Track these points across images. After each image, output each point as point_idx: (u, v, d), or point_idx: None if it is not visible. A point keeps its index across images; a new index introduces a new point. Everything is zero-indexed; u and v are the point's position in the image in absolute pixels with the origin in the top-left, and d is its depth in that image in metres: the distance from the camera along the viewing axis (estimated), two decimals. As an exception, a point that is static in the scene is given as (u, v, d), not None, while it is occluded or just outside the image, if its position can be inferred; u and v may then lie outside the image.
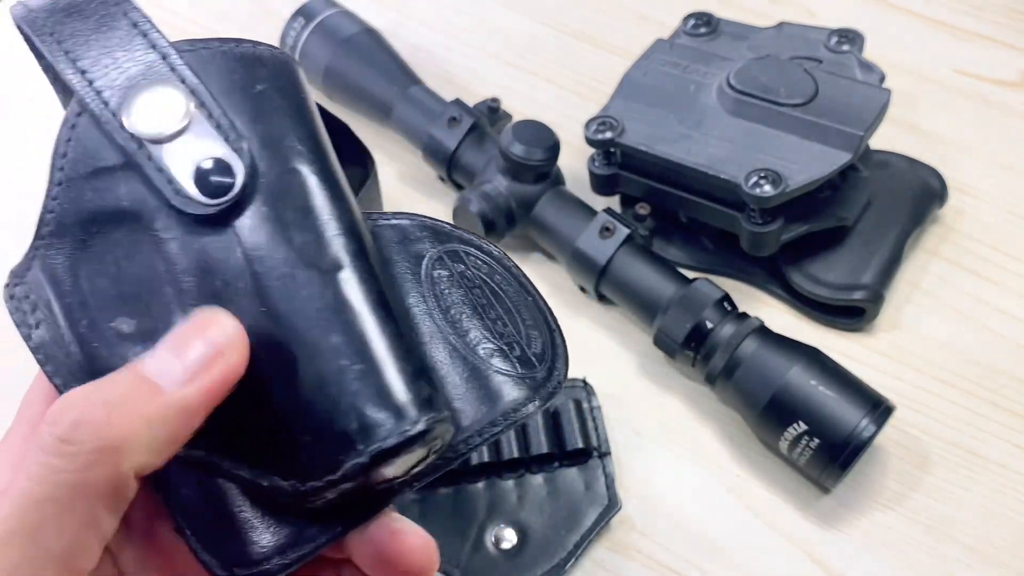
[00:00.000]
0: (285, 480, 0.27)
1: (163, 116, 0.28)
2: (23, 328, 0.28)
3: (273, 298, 0.27)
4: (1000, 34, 0.67)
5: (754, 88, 0.52)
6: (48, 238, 0.29)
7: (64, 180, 0.29)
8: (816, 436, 0.45)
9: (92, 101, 0.28)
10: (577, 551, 0.46)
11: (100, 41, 0.29)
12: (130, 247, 0.28)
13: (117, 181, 0.28)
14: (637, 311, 0.52)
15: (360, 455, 0.26)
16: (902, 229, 0.54)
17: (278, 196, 0.28)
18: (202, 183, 0.28)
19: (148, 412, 0.25)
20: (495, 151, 0.55)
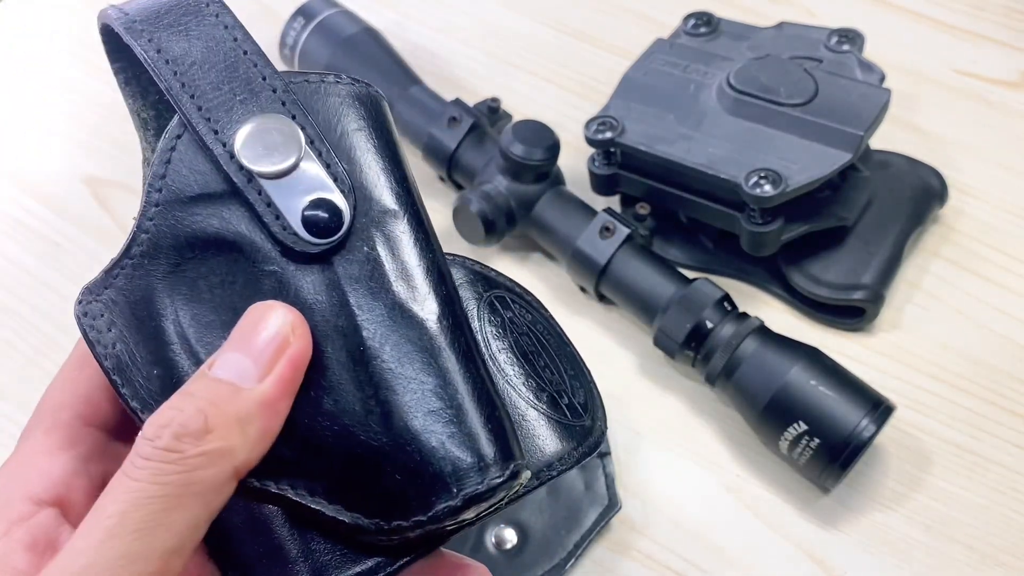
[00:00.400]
0: (369, 518, 0.27)
1: (276, 151, 0.27)
2: (99, 347, 0.27)
3: (371, 339, 0.27)
4: (1000, 34, 0.67)
5: (754, 88, 0.52)
6: (139, 258, 0.28)
7: (162, 202, 0.28)
8: (816, 436, 0.45)
9: (200, 126, 0.28)
10: (577, 551, 0.46)
11: (209, 63, 0.28)
12: (227, 276, 0.28)
13: (218, 209, 0.28)
14: (637, 311, 0.52)
15: (453, 498, 0.27)
16: (902, 229, 0.54)
17: (376, 238, 0.28)
18: (310, 222, 0.27)
19: (237, 412, 0.25)
20: (495, 151, 0.55)
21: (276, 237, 0.27)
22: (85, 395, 0.30)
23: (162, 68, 0.28)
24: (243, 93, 0.28)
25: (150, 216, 0.28)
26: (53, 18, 0.73)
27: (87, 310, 0.28)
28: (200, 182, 0.28)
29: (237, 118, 0.28)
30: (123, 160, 0.64)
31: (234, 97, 0.28)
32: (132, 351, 0.27)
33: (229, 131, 0.27)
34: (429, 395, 0.27)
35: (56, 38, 0.71)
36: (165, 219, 0.28)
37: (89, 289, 0.28)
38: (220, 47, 0.28)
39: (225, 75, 0.28)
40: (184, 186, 0.28)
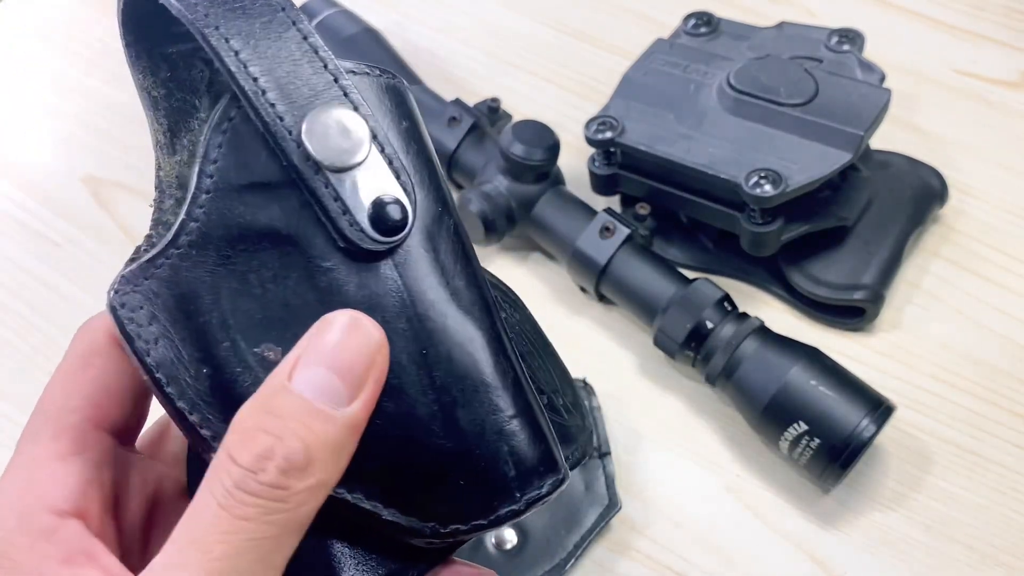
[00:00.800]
0: (425, 521, 0.26)
1: (344, 144, 0.26)
2: (139, 343, 0.25)
3: (434, 340, 0.27)
4: (1000, 34, 0.67)
5: (754, 88, 0.52)
6: (186, 248, 0.26)
7: (213, 188, 0.26)
8: (816, 436, 0.45)
9: (265, 110, 0.26)
10: (577, 551, 0.46)
11: (270, 47, 0.26)
12: (280, 270, 0.26)
13: (273, 199, 0.26)
14: (637, 311, 0.52)
15: (516, 502, 0.26)
16: (902, 229, 0.54)
17: (433, 237, 0.28)
18: (378, 219, 0.26)
19: (333, 440, 0.24)
20: (495, 151, 0.55)
21: (343, 233, 0.26)
22: (91, 397, 0.28)
23: (222, 47, 0.26)
24: (306, 81, 0.26)
25: (200, 204, 0.26)
26: (53, 18, 0.73)
27: (124, 301, 0.25)
28: (257, 170, 0.26)
29: (301, 105, 0.26)
30: (123, 160, 0.64)
31: (298, 83, 0.26)
32: (178, 347, 0.25)
33: (294, 118, 0.26)
34: (490, 400, 0.27)
35: (56, 38, 0.71)
36: (215, 207, 0.26)
37: (127, 279, 0.26)
38: (280, 29, 0.26)
39: (287, 60, 0.26)
40: (238, 173, 0.26)
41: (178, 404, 0.25)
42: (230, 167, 0.26)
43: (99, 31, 0.71)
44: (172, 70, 0.30)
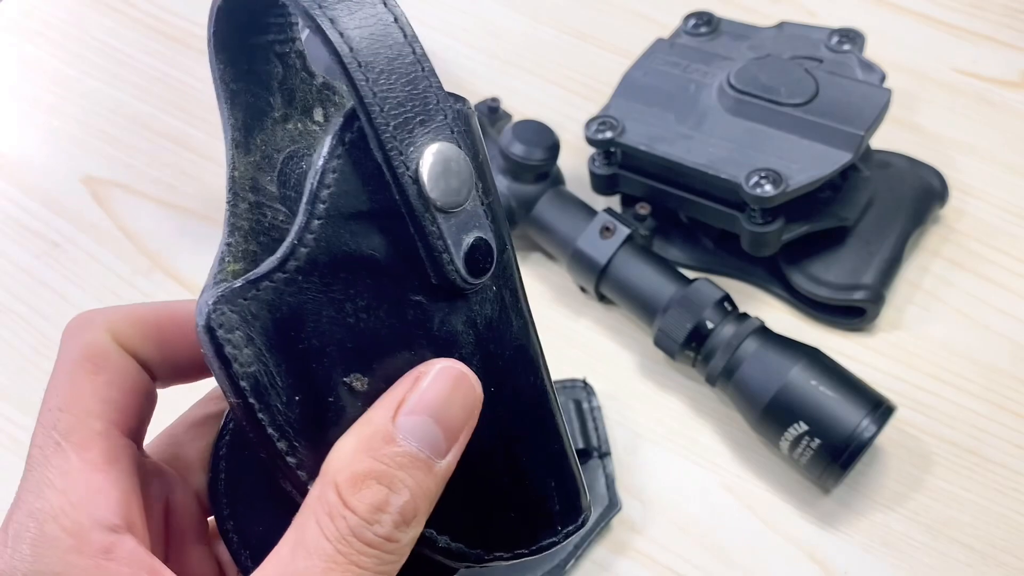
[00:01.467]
0: (472, 548, 0.27)
1: (454, 184, 0.26)
2: (235, 366, 0.24)
3: (502, 377, 0.27)
4: (1001, 34, 0.67)
5: (754, 88, 0.52)
6: (293, 273, 0.25)
7: (325, 215, 0.25)
8: (817, 436, 0.45)
9: (390, 143, 0.25)
10: (577, 551, 0.46)
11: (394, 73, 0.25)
12: (372, 300, 0.26)
13: (376, 228, 0.26)
14: (637, 311, 0.52)
15: (556, 534, 0.29)
16: (903, 229, 0.54)
17: (502, 279, 0.28)
18: (470, 260, 0.26)
19: (432, 491, 0.25)
20: (495, 151, 0.55)
21: (442, 271, 0.26)
22: (112, 402, 0.27)
23: (355, 71, 0.25)
24: (422, 114, 0.25)
25: (312, 230, 0.25)
26: (53, 18, 0.73)
27: (222, 321, 0.24)
28: (363, 196, 0.26)
29: (418, 141, 0.25)
30: (122, 160, 0.64)
31: (415, 117, 0.25)
32: (272, 372, 0.25)
33: (413, 153, 0.25)
34: (547, 438, 0.29)
35: (56, 38, 0.71)
36: (327, 234, 0.25)
37: (226, 298, 0.24)
38: (399, 53, 0.26)
39: (408, 90, 0.25)
40: (348, 200, 0.25)
41: (268, 430, 0.25)
42: (343, 193, 0.25)
43: (99, 31, 0.71)
44: (250, 63, 0.29)
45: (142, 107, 0.66)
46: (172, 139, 0.65)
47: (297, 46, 0.30)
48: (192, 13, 0.72)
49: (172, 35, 0.71)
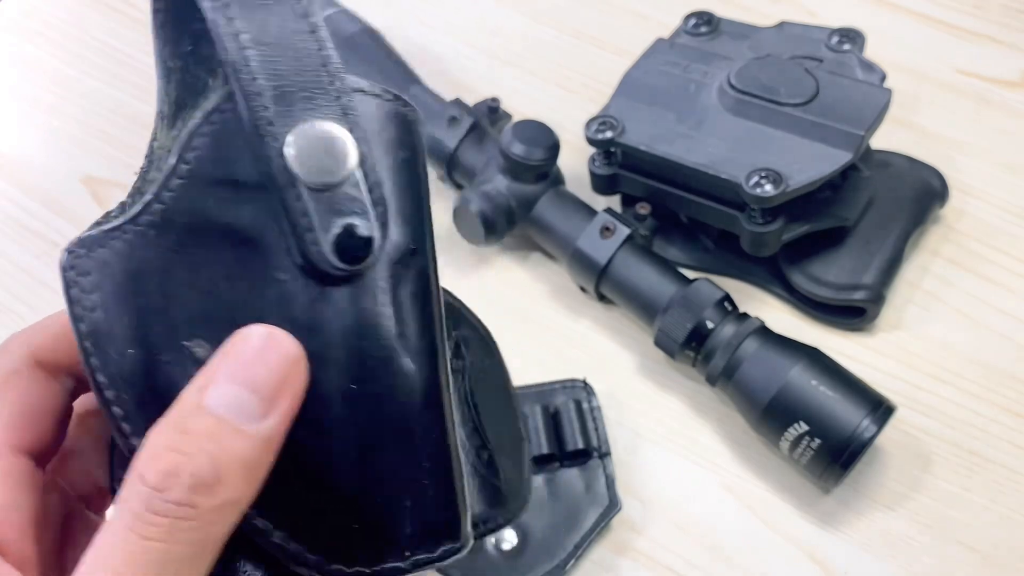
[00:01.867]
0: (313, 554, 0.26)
1: (325, 162, 0.25)
2: (77, 307, 0.25)
3: (367, 377, 0.26)
4: (1001, 34, 0.67)
5: (755, 88, 0.52)
6: (146, 227, 0.25)
7: (187, 175, 0.26)
8: (817, 436, 0.45)
9: (258, 112, 0.25)
10: (577, 552, 0.46)
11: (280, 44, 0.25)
12: (232, 271, 0.26)
13: (244, 200, 0.26)
14: (637, 311, 0.52)
15: (403, 559, 0.26)
16: (903, 229, 0.54)
17: (397, 274, 0.27)
18: (339, 244, 0.25)
19: (244, 457, 0.24)
20: (495, 151, 0.55)
21: (304, 250, 0.25)
22: (9, 419, 0.28)
23: (229, 40, 0.25)
24: (307, 90, 0.25)
25: (171, 188, 0.25)
26: (53, 18, 0.73)
27: (75, 264, 0.25)
28: (236, 167, 0.26)
29: (295, 115, 0.25)
30: (122, 160, 0.64)
31: (297, 92, 0.25)
32: (112, 321, 0.25)
33: (284, 126, 0.25)
34: (409, 452, 0.26)
35: (56, 38, 0.71)
36: (186, 194, 0.25)
37: (83, 242, 0.25)
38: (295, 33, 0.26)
39: (294, 65, 0.25)
40: (214, 165, 0.26)
41: (98, 376, 0.25)
42: (210, 158, 0.26)
43: (99, 31, 0.71)
44: (195, 44, 0.28)
45: (142, 107, 0.66)
46: (172, 139, 0.65)
47: None
48: (192, 13, 0.72)
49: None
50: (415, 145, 0.28)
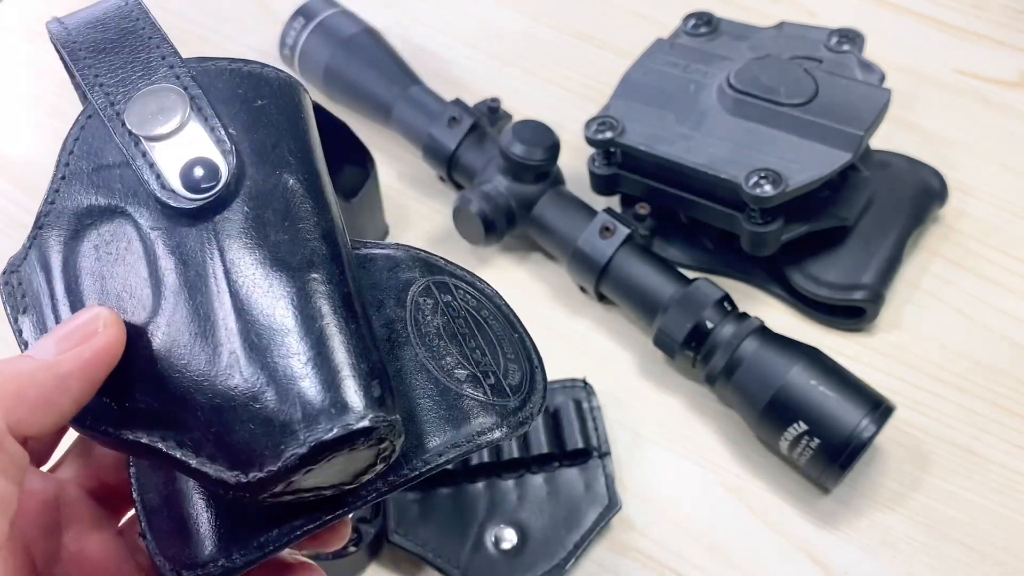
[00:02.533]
0: (230, 470, 0.27)
1: (160, 117, 0.30)
2: (13, 312, 0.29)
3: (239, 292, 0.28)
4: (1000, 34, 0.67)
5: (754, 88, 0.52)
6: (45, 228, 0.30)
7: (68, 175, 0.30)
8: (816, 436, 0.45)
9: (100, 102, 0.30)
10: (577, 551, 0.46)
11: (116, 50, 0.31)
12: (116, 238, 0.30)
13: (115, 178, 0.30)
14: (637, 311, 0.52)
15: (300, 445, 0.26)
16: (902, 229, 0.54)
17: (261, 200, 0.30)
18: (187, 180, 0.29)
19: (18, 371, 0.27)
20: (495, 151, 0.55)
21: (156, 195, 0.29)
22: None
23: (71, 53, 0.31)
24: (141, 70, 0.30)
25: (56, 188, 0.31)
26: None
27: (8, 279, 0.30)
28: (100, 154, 0.30)
29: (132, 91, 0.30)
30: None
31: (133, 74, 0.30)
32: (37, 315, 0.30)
33: (124, 102, 0.30)
34: (290, 342, 0.28)
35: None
36: (68, 190, 0.30)
37: (12, 261, 0.30)
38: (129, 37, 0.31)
39: (128, 58, 0.31)
40: (87, 159, 0.30)
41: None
42: (83, 155, 0.30)
43: (99, 31, 0.71)
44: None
45: (143, 107, 0.66)
46: (172, 139, 0.65)
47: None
48: (193, 13, 0.72)
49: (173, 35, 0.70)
50: (274, 94, 0.32)
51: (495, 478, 0.48)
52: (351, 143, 0.55)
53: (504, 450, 0.48)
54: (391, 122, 0.61)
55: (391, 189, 0.61)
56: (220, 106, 0.30)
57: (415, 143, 0.60)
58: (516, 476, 0.48)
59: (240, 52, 0.69)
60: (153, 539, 0.30)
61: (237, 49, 0.69)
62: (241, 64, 0.32)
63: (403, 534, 0.46)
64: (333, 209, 0.31)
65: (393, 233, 0.59)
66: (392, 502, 0.47)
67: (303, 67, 0.63)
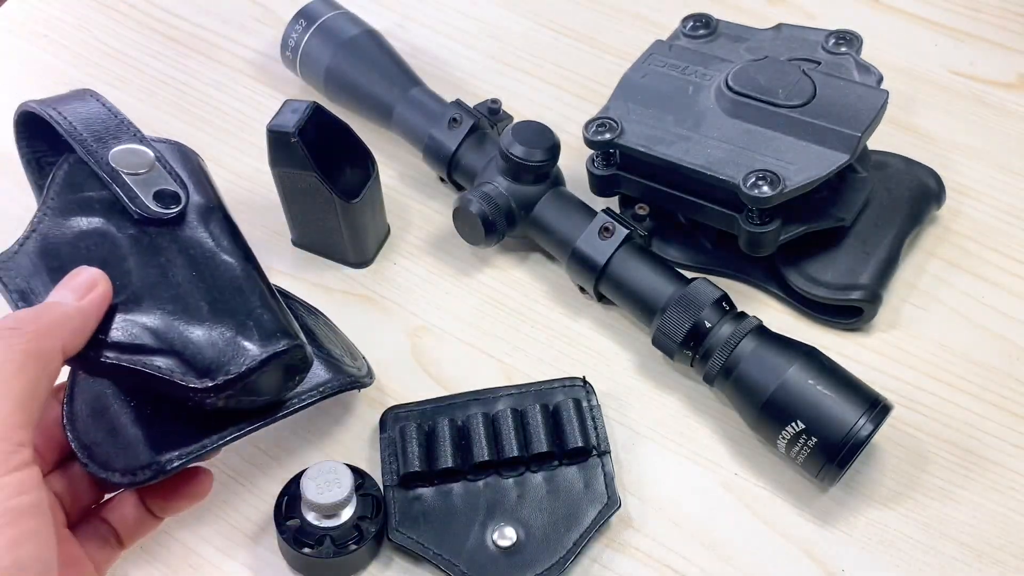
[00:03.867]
0: (199, 379, 0.40)
1: (135, 161, 0.45)
2: (11, 294, 0.42)
3: (201, 269, 0.43)
4: (997, 36, 0.67)
5: (752, 89, 0.52)
6: (38, 228, 0.44)
7: (56, 193, 0.45)
8: (814, 435, 0.45)
9: (83, 148, 0.44)
10: (577, 549, 0.46)
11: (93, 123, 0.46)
12: (97, 238, 0.43)
13: (94, 200, 0.45)
14: (636, 311, 0.52)
15: (259, 355, 0.41)
16: (900, 229, 0.55)
17: (205, 218, 0.45)
18: (158, 200, 0.44)
19: (62, 311, 0.38)
20: (495, 152, 0.56)
21: (132, 209, 0.44)
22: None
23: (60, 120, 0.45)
24: (115, 135, 0.45)
25: (47, 201, 0.45)
26: (53, 18, 0.73)
27: (5, 266, 0.43)
28: (82, 185, 0.45)
29: (109, 145, 0.45)
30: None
31: (109, 136, 0.45)
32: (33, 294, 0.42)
33: (104, 151, 0.45)
34: (243, 298, 0.43)
35: (56, 38, 0.72)
36: (56, 205, 0.44)
37: (3, 255, 0.43)
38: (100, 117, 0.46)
39: (102, 128, 0.45)
40: (70, 187, 0.45)
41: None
42: (67, 183, 0.45)
43: (102, 33, 0.72)
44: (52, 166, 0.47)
45: (143, 108, 0.67)
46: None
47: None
48: (195, 15, 0.72)
49: (175, 37, 0.71)
50: (195, 160, 0.49)
51: (495, 476, 0.48)
52: (354, 145, 0.55)
53: (504, 448, 0.48)
54: (392, 123, 0.61)
55: (392, 190, 0.62)
56: (170, 160, 0.46)
57: (416, 144, 0.60)
58: (516, 475, 0.49)
59: (242, 54, 0.70)
60: (84, 446, 0.42)
61: (239, 51, 0.70)
62: (176, 144, 0.49)
63: (404, 532, 0.47)
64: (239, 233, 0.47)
65: (394, 233, 0.59)
66: (393, 500, 0.47)
67: (304, 69, 0.64)
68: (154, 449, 0.41)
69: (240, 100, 0.67)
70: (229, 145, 0.64)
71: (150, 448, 0.41)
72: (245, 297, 0.43)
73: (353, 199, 0.54)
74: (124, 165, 0.44)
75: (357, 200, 0.54)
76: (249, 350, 0.41)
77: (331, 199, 0.53)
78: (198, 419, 0.42)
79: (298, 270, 0.58)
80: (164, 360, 0.40)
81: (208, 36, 0.71)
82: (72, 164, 0.45)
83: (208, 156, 0.65)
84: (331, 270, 0.58)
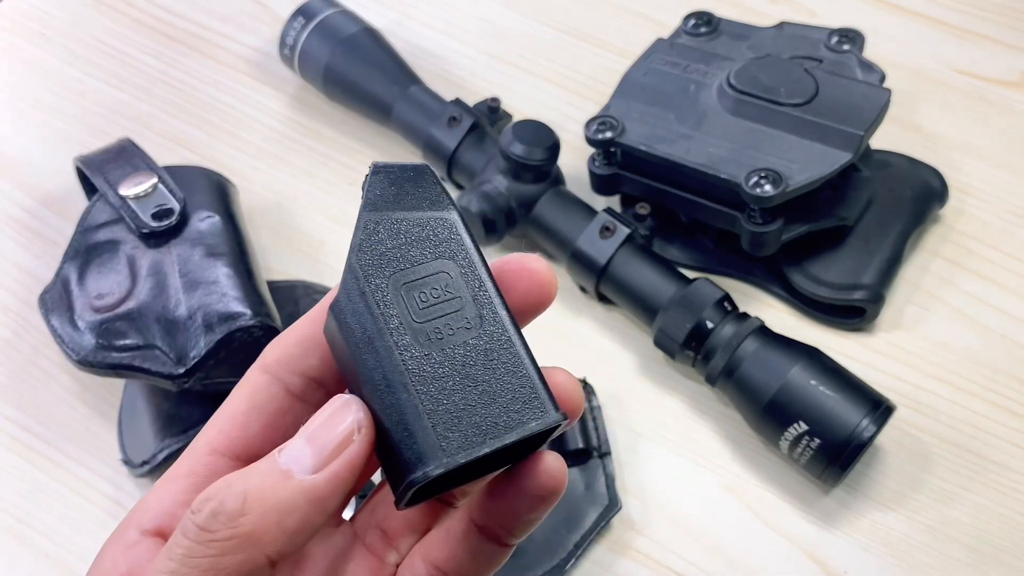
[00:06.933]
0: (176, 366, 0.47)
1: (135, 189, 0.52)
2: (46, 315, 0.50)
3: (192, 277, 0.50)
4: (1001, 34, 0.67)
5: (754, 88, 0.52)
6: (68, 261, 0.52)
7: (82, 231, 0.53)
8: (816, 436, 0.45)
9: (101, 180, 0.53)
10: (577, 551, 0.46)
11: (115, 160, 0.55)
12: (110, 259, 0.51)
13: (110, 228, 0.52)
14: (637, 311, 0.52)
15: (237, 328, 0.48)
16: (903, 229, 0.54)
17: (203, 236, 0.52)
18: (155, 216, 0.51)
19: (279, 501, 0.25)
20: (495, 151, 0.55)
21: (132, 224, 0.51)
22: (217, 423, 0.29)
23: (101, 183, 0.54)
24: (130, 167, 0.54)
25: (76, 238, 0.53)
26: (53, 18, 0.73)
27: (44, 299, 0.51)
28: (101, 219, 0.53)
29: (124, 177, 0.53)
30: (123, 160, 0.64)
31: (126, 167, 0.54)
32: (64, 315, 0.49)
33: (117, 183, 0.53)
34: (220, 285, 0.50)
35: (56, 38, 0.71)
36: (82, 240, 0.52)
37: (46, 289, 0.51)
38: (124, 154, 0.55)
39: (121, 172, 0.54)
40: (94, 222, 0.53)
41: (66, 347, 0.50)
42: (92, 221, 0.53)
43: (100, 31, 0.71)
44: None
45: (142, 107, 0.66)
46: (172, 139, 0.65)
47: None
48: (193, 13, 0.72)
49: (173, 35, 0.71)
50: (216, 184, 0.56)
51: (495, 478, 0.48)
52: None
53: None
54: (391, 122, 0.61)
55: (391, 189, 0.61)
56: (172, 179, 0.53)
57: (415, 143, 0.60)
58: (516, 476, 0.48)
59: (240, 52, 0.69)
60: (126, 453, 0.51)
61: (237, 49, 0.69)
62: (210, 170, 0.56)
63: (403, 534, 0.46)
64: (244, 235, 0.54)
65: (393, 233, 0.59)
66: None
67: (303, 66, 0.63)
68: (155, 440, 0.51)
69: (238, 98, 0.66)
70: (226, 143, 0.64)
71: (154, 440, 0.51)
72: (223, 284, 0.50)
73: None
74: (128, 189, 0.53)
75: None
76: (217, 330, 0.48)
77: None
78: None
79: (298, 271, 0.58)
80: (147, 353, 0.47)
81: (206, 34, 0.71)
82: (100, 199, 0.54)
83: (206, 155, 0.65)
84: (330, 271, 0.58)
